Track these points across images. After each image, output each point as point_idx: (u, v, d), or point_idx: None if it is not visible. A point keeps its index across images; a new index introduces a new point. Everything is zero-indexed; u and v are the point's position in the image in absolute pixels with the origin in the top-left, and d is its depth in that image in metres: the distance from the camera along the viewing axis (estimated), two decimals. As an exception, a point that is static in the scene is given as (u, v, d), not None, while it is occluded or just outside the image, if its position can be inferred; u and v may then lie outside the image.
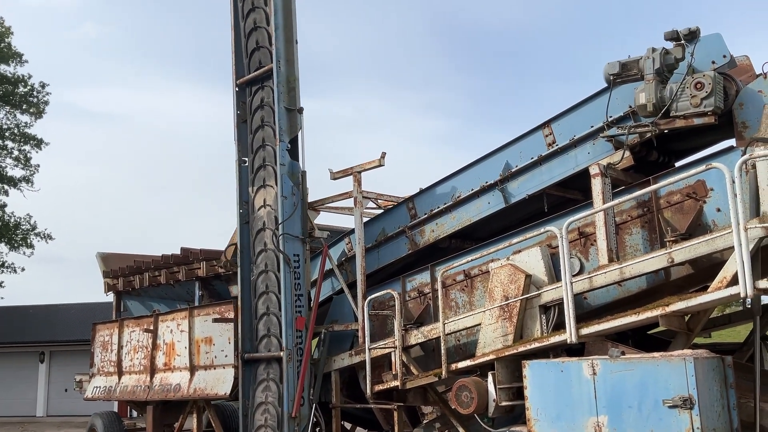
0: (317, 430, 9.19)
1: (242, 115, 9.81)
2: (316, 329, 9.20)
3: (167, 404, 10.78)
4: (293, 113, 9.22)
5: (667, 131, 6.44)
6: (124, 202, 73.90)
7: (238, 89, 9.85)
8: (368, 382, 7.92)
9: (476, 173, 8.22)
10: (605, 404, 5.36)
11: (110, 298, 13.95)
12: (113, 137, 78.74)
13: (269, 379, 8.95)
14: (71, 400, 25.86)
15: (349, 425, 10.63)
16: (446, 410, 7.68)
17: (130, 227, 69.09)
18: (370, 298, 8.18)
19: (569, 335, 5.91)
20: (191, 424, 10.42)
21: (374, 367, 8.03)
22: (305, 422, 8.63)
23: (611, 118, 6.89)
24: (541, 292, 6.51)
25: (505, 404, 6.43)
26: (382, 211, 9.72)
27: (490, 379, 6.56)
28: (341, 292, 9.44)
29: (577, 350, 6.36)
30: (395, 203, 9.48)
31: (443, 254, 8.48)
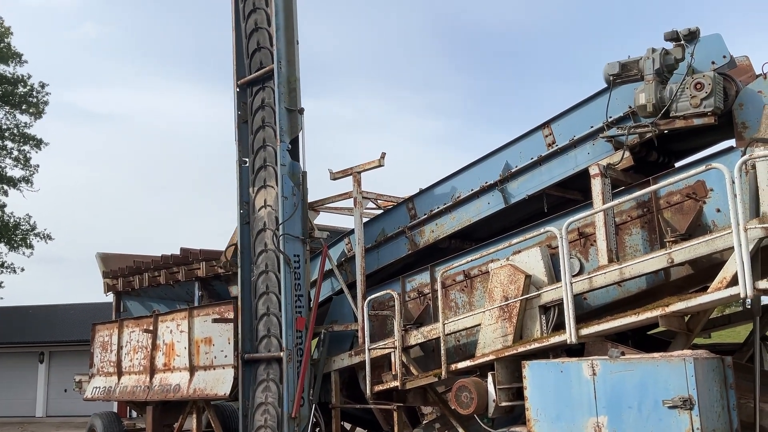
0: (317, 430, 9.19)
1: (243, 115, 9.81)
2: (315, 329, 9.20)
3: (167, 404, 10.77)
4: (294, 114, 9.23)
5: (666, 132, 6.44)
6: (123, 202, 73.93)
7: (239, 90, 9.85)
8: (368, 382, 7.92)
9: (476, 173, 8.22)
10: (605, 405, 5.36)
11: (110, 298, 13.95)
12: (113, 137, 78.76)
13: (269, 379, 8.95)
14: (71, 400, 25.85)
15: (348, 425, 10.62)
16: (446, 411, 7.68)
17: (129, 227, 69.09)
18: (369, 298, 8.18)
19: (569, 336, 5.91)
20: (191, 424, 10.42)
21: (374, 367, 8.02)
22: (305, 422, 8.63)
23: (611, 118, 6.89)
24: (540, 292, 6.52)
25: (504, 405, 6.43)
26: (381, 211, 9.72)
27: (489, 379, 6.56)
28: (341, 292, 9.44)
29: (576, 351, 6.35)
30: (395, 203, 9.48)
31: (443, 254, 8.47)
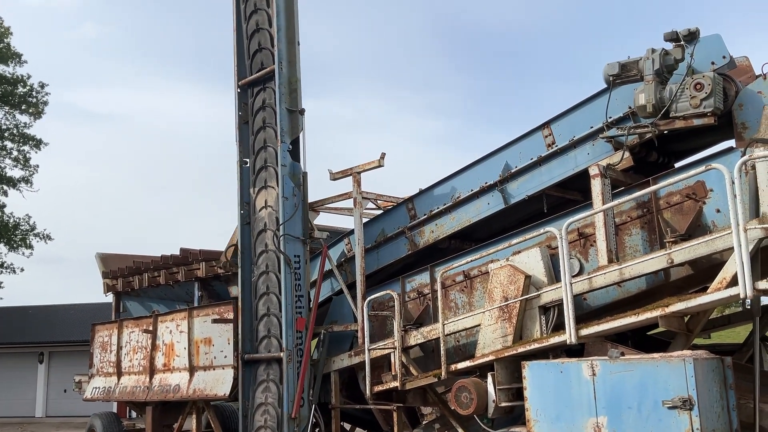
0: (317, 430, 9.18)
1: (244, 116, 9.81)
2: (315, 330, 9.19)
3: (166, 405, 10.77)
4: (295, 114, 9.23)
5: (666, 132, 6.44)
6: (123, 202, 73.99)
7: (239, 90, 9.86)
8: (368, 382, 7.91)
9: (476, 174, 8.22)
10: (605, 405, 5.36)
11: (109, 298, 13.95)
12: (113, 137, 78.83)
13: (269, 379, 8.95)
14: (70, 400, 25.83)
15: (348, 426, 10.62)
16: (446, 411, 7.68)
17: (129, 227, 69.15)
18: (369, 298, 8.17)
19: (569, 336, 5.91)
20: (190, 424, 10.41)
21: (374, 367, 8.02)
22: (305, 423, 8.63)
23: (611, 118, 6.89)
24: (540, 293, 6.51)
25: (504, 405, 6.42)
26: (381, 211, 9.71)
27: (489, 379, 6.56)
28: (341, 292, 9.44)
29: (576, 351, 6.35)
30: (395, 204, 9.48)
31: (443, 255, 8.47)
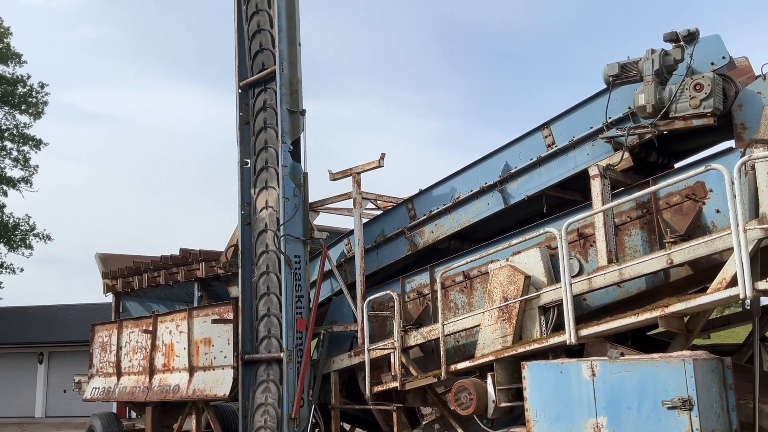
0: (316, 431, 9.18)
1: (245, 116, 9.82)
2: (315, 330, 9.19)
3: (166, 405, 10.77)
4: (296, 115, 9.23)
5: (666, 132, 6.44)
6: (123, 202, 74.03)
7: (241, 91, 9.86)
8: (367, 383, 7.91)
9: (475, 174, 8.22)
10: (604, 405, 5.36)
11: (109, 299, 13.95)
12: (113, 138, 78.86)
13: (269, 380, 8.95)
14: (70, 400, 25.81)
15: (348, 426, 10.62)
16: (445, 411, 7.68)
17: (129, 227, 69.16)
18: (369, 299, 8.17)
19: (568, 336, 5.91)
20: (190, 425, 10.41)
21: (373, 368, 8.02)
22: (304, 423, 8.63)
23: (610, 119, 6.88)
24: (540, 293, 6.52)
25: (504, 405, 6.43)
26: (381, 212, 9.72)
27: (489, 380, 6.56)
28: (340, 293, 9.44)
29: (576, 351, 6.35)
30: (394, 204, 9.48)
31: (442, 255, 8.47)
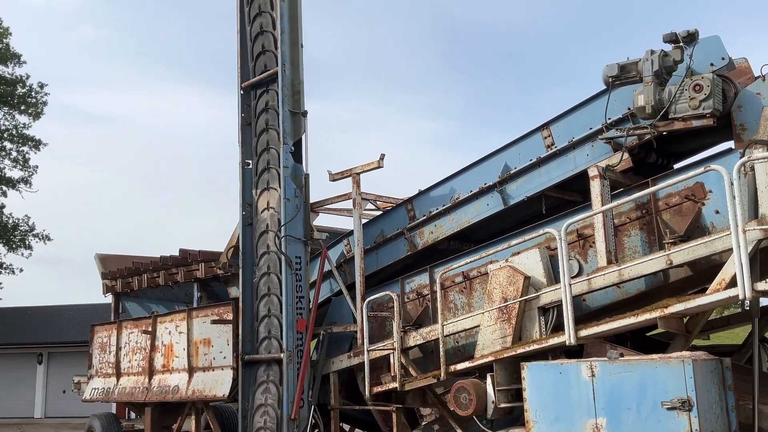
0: (315, 431, 9.18)
1: (247, 118, 9.82)
2: (315, 331, 9.19)
3: (165, 406, 10.75)
4: (297, 116, 9.23)
5: (665, 133, 6.44)
6: (123, 202, 74.03)
7: (243, 92, 9.86)
8: (367, 383, 7.91)
9: (475, 175, 8.22)
10: (604, 406, 5.36)
11: (109, 299, 13.92)
12: (113, 138, 78.89)
13: (269, 381, 8.95)
14: (69, 401, 25.79)
15: (347, 427, 10.62)
16: (445, 412, 7.68)
17: (129, 228, 69.16)
18: (368, 299, 8.17)
19: (568, 337, 5.91)
20: (190, 425, 10.41)
21: (373, 368, 8.02)
22: (304, 424, 8.62)
23: (610, 120, 6.88)
24: (539, 293, 6.52)
25: (503, 406, 6.43)
26: (380, 212, 9.72)
27: (488, 380, 6.56)
28: (340, 293, 9.44)
29: (575, 352, 6.35)
30: (394, 205, 9.48)
31: (442, 256, 8.47)
